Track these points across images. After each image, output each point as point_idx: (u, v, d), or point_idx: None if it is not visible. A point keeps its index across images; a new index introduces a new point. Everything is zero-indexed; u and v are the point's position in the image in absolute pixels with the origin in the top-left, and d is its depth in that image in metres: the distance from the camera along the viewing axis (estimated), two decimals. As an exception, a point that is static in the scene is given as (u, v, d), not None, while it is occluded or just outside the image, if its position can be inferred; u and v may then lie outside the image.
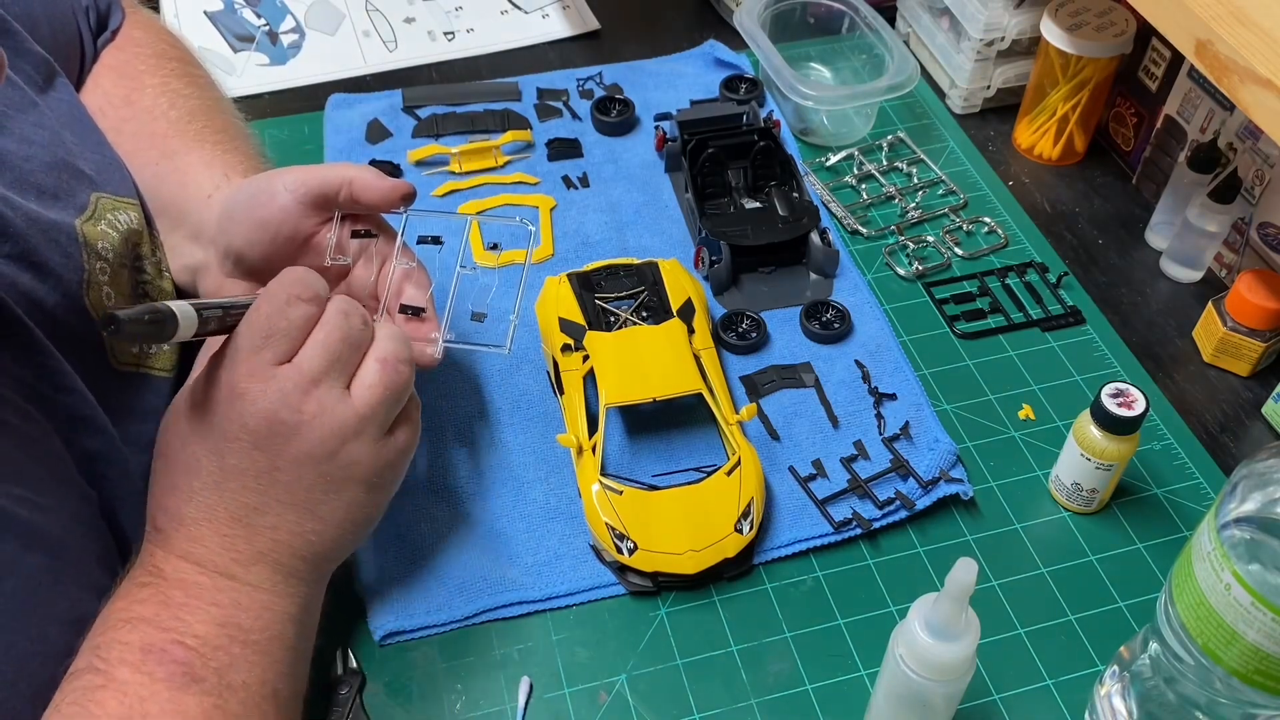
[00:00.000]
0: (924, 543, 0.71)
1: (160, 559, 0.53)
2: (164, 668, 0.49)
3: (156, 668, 0.49)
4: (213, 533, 0.53)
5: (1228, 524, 0.50)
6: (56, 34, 0.71)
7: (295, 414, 0.53)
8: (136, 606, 0.51)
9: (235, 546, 0.53)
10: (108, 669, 0.49)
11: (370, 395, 0.55)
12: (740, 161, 0.91)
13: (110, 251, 0.61)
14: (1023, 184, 0.97)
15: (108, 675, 0.49)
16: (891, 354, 0.81)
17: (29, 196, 0.58)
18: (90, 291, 0.59)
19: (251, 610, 0.53)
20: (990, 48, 0.98)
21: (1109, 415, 0.67)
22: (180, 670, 0.50)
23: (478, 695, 0.64)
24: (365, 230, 0.66)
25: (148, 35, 0.79)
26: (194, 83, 0.77)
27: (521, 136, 0.97)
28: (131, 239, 0.64)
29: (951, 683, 0.54)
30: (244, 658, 0.52)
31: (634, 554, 0.67)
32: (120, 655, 0.49)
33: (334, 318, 0.55)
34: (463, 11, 1.14)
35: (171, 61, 0.78)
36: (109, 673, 0.49)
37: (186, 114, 0.74)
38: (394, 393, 0.56)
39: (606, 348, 0.74)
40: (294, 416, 0.53)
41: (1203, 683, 0.53)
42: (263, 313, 0.54)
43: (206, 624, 0.52)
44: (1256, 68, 0.62)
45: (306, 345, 0.54)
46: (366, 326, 0.57)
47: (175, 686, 0.49)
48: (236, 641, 0.52)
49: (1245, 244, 0.85)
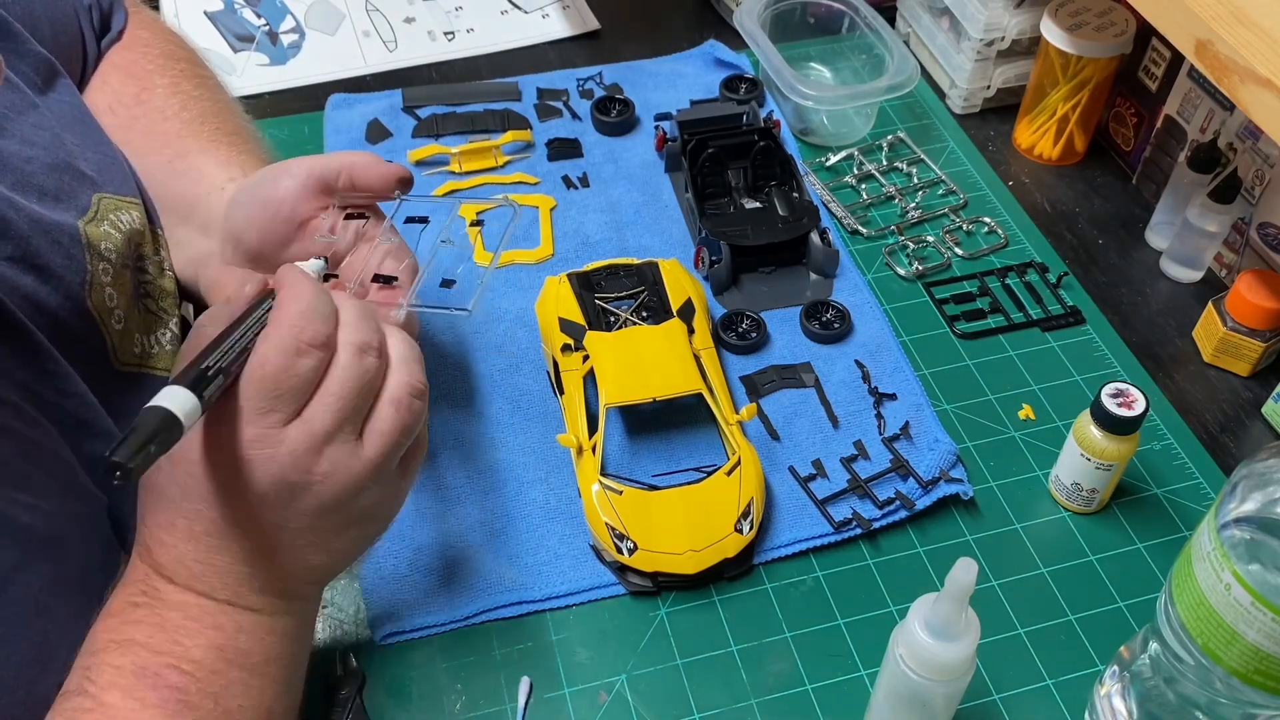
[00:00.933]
0: (924, 543, 0.71)
1: (156, 580, 0.50)
2: (156, 693, 0.48)
3: (149, 693, 0.47)
4: (215, 571, 0.50)
5: (1228, 524, 0.50)
6: (58, 34, 0.71)
7: (305, 475, 0.49)
8: (128, 628, 0.49)
9: (240, 582, 0.51)
10: (98, 693, 0.47)
11: (384, 442, 0.52)
12: (740, 161, 0.91)
13: (113, 252, 0.61)
14: (1023, 184, 0.97)
15: (97, 700, 0.47)
16: (891, 354, 0.81)
17: (31, 198, 0.58)
18: (93, 293, 0.59)
19: (254, 634, 0.51)
20: (990, 48, 0.98)
21: (1109, 415, 0.67)
22: (174, 696, 0.48)
23: (478, 695, 0.64)
24: (358, 212, 0.65)
25: (154, 36, 0.79)
26: (204, 84, 0.77)
27: (521, 136, 0.97)
28: (134, 239, 0.64)
29: (951, 683, 0.54)
30: (241, 681, 0.50)
31: (634, 554, 0.67)
32: (111, 679, 0.48)
33: (348, 364, 0.51)
34: (463, 11, 1.14)
35: (180, 63, 0.78)
36: (99, 697, 0.47)
37: (199, 116, 0.74)
38: (409, 433, 0.53)
39: (606, 348, 0.74)
40: (304, 478, 0.49)
41: (1203, 683, 0.53)
42: (269, 368, 0.48)
43: (204, 649, 0.50)
44: (1256, 68, 0.62)
45: (317, 397, 0.50)
46: (380, 359, 0.52)
47: (168, 714, 0.48)
48: (235, 666, 0.50)
49: (1245, 244, 0.85)
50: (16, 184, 0.58)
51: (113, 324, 0.61)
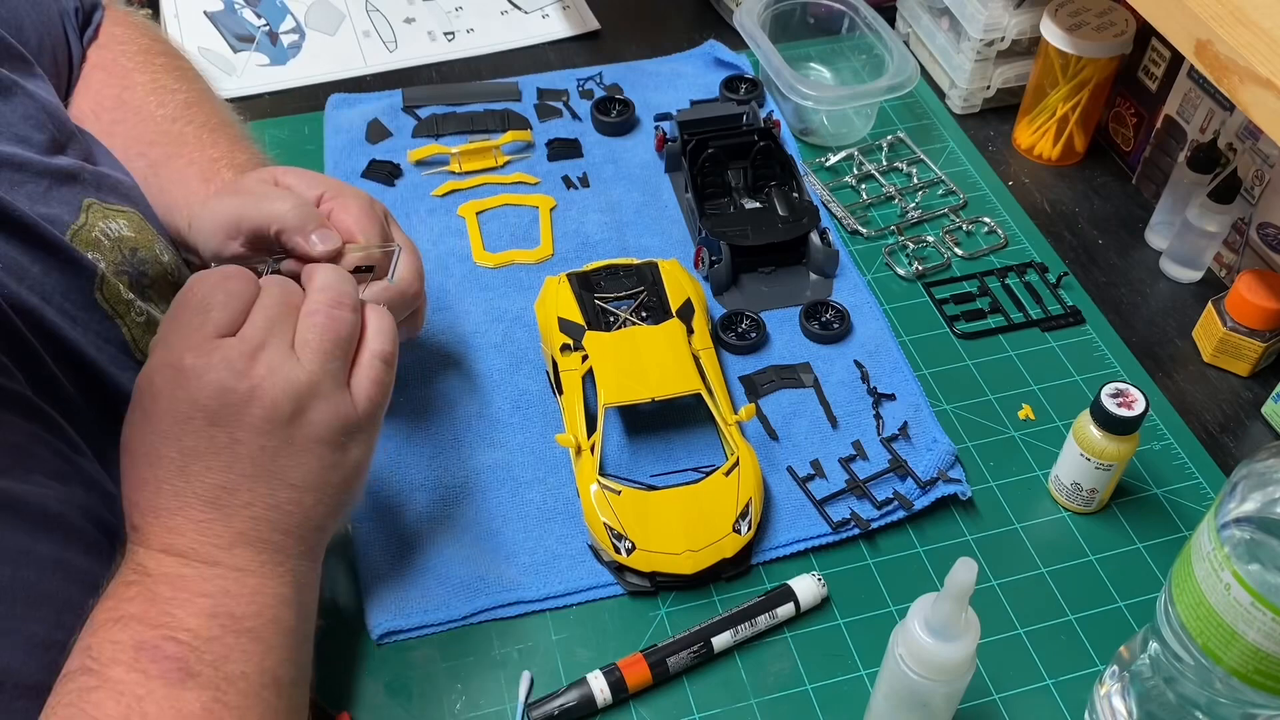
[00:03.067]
0: (923, 543, 0.71)
1: (143, 555, 0.52)
2: (158, 665, 0.49)
3: (150, 665, 0.48)
4: (188, 521, 0.52)
5: (1227, 524, 0.50)
6: (43, 38, 0.72)
7: (244, 380, 0.52)
8: (124, 605, 0.50)
9: (213, 531, 0.52)
10: (100, 669, 0.48)
11: (310, 350, 0.54)
12: (740, 161, 0.91)
13: (114, 248, 0.62)
14: (1023, 184, 0.97)
15: (101, 675, 0.48)
16: (891, 354, 0.81)
17: (29, 192, 0.58)
18: (104, 286, 0.60)
19: (242, 596, 0.52)
20: (990, 48, 0.98)
21: (1109, 415, 0.67)
22: (175, 666, 0.49)
23: (478, 695, 0.64)
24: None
25: (130, 31, 0.79)
26: (182, 76, 0.77)
27: (521, 136, 0.97)
28: (135, 235, 0.64)
29: (951, 683, 0.54)
30: (239, 647, 0.51)
31: (632, 554, 0.67)
32: (113, 655, 0.49)
33: (270, 286, 0.56)
34: (463, 11, 1.14)
35: (160, 56, 0.78)
36: (102, 673, 0.48)
37: (172, 113, 0.74)
38: (335, 339, 0.55)
39: (605, 348, 0.74)
40: (243, 383, 0.52)
41: (1203, 683, 0.53)
42: (197, 289, 0.54)
43: (197, 616, 0.51)
44: (1256, 68, 0.62)
45: (249, 316, 0.54)
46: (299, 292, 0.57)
47: (171, 683, 0.49)
48: (230, 631, 0.51)
49: (1245, 244, 0.85)
50: (16, 180, 0.58)
51: (133, 317, 0.61)
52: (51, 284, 0.57)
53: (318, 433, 0.54)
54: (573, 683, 0.62)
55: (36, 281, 0.56)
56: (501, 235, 0.90)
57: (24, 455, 0.51)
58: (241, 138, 0.76)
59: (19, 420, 0.52)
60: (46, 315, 0.56)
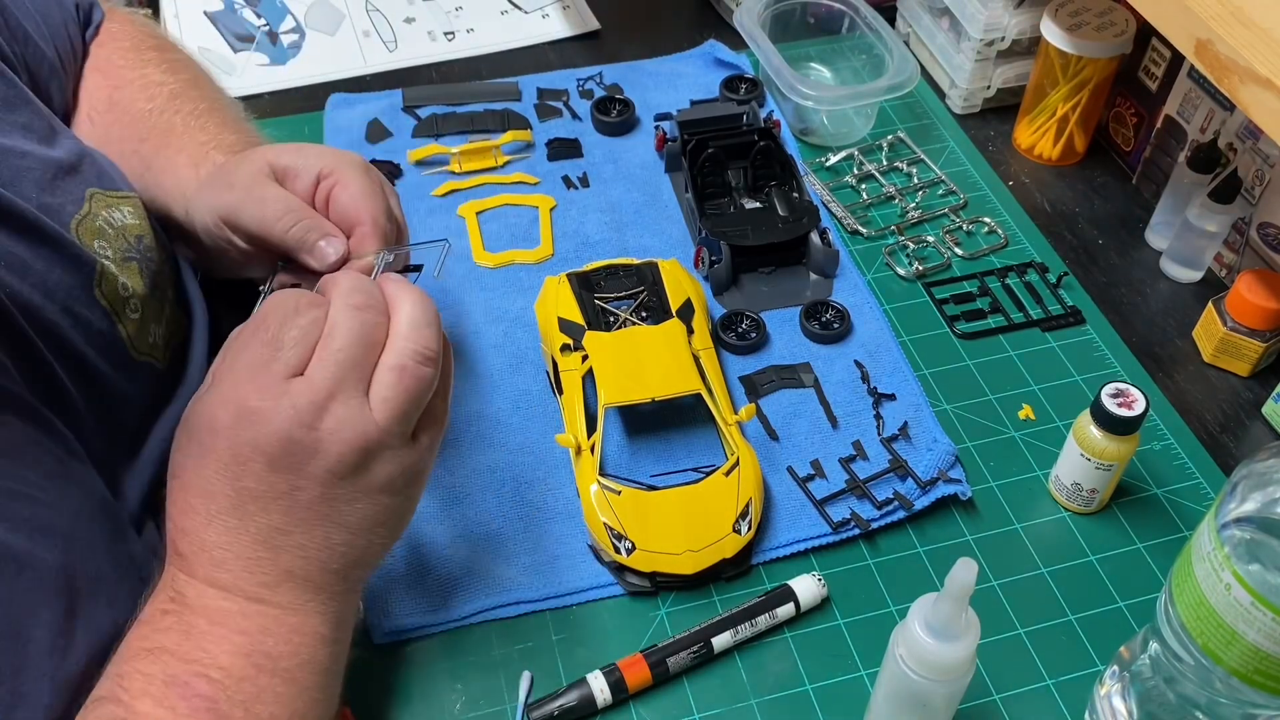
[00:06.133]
0: (923, 543, 0.71)
1: (183, 583, 0.50)
2: (186, 702, 0.47)
3: (179, 702, 0.47)
4: (236, 557, 0.50)
5: (1228, 524, 0.50)
6: (59, 45, 0.72)
7: (311, 432, 0.49)
8: (159, 635, 0.49)
9: (261, 569, 0.50)
10: (130, 701, 0.47)
11: (389, 408, 0.51)
12: (740, 161, 0.91)
13: (119, 235, 0.62)
14: (1023, 184, 0.97)
15: (130, 708, 0.47)
16: (891, 354, 0.81)
17: (35, 179, 0.59)
18: (103, 282, 0.59)
19: (280, 635, 0.51)
20: (990, 48, 0.98)
21: (1109, 415, 0.67)
22: (204, 705, 0.48)
23: (478, 695, 0.64)
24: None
25: (124, 28, 0.79)
26: (170, 69, 0.77)
27: (521, 136, 0.97)
28: (135, 230, 0.64)
29: (951, 683, 0.54)
30: (271, 689, 0.50)
31: (632, 554, 0.67)
32: (143, 687, 0.48)
33: (344, 319, 0.51)
34: (463, 11, 1.14)
35: (150, 51, 0.78)
36: (131, 705, 0.47)
37: (160, 105, 0.74)
38: (415, 399, 0.52)
39: (605, 348, 0.74)
40: (310, 435, 0.49)
41: (1203, 683, 0.53)
42: (271, 321, 0.51)
43: (232, 655, 0.49)
44: (1256, 68, 0.62)
45: (317, 354, 0.50)
46: (380, 317, 0.52)
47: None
48: (264, 671, 0.50)
49: (1245, 244, 0.85)
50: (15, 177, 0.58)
51: (128, 314, 0.61)
52: (54, 280, 0.57)
53: (380, 484, 0.52)
54: (573, 683, 0.62)
55: (39, 278, 0.56)
56: (501, 235, 0.90)
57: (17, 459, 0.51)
58: (232, 120, 0.75)
59: (15, 421, 0.51)
60: (47, 313, 0.56)
